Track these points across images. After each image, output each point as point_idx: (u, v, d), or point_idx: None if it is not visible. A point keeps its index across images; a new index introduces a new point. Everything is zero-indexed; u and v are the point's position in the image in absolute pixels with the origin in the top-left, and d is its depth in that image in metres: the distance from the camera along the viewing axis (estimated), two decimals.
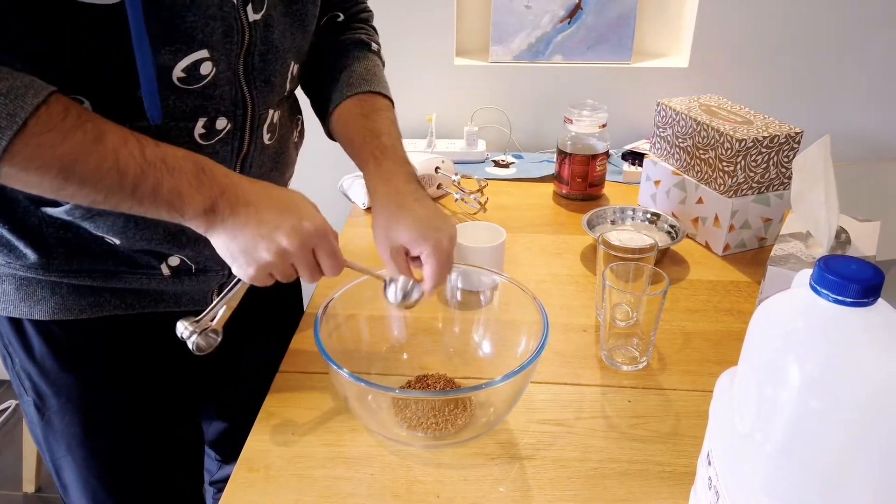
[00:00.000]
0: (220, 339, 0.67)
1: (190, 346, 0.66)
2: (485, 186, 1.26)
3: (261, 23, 0.68)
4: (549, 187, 1.33)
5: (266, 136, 0.76)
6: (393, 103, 0.86)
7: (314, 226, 0.64)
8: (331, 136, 0.86)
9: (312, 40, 0.81)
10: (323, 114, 0.86)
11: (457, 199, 1.25)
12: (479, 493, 0.66)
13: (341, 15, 0.88)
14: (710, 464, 0.52)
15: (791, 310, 0.44)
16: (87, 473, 0.81)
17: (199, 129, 0.67)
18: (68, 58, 0.58)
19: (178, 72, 0.63)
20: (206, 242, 0.70)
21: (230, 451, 0.71)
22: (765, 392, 0.44)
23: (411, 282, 0.74)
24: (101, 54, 0.59)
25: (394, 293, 0.75)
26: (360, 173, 1.25)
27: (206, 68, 0.64)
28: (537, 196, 1.31)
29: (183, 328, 0.66)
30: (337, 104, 0.83)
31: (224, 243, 0.63)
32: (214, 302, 0.68)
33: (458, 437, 0.71)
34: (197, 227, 0.63)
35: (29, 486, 1.73)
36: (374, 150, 0.79)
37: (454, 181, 1.25)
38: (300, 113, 0.89)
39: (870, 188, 1.51)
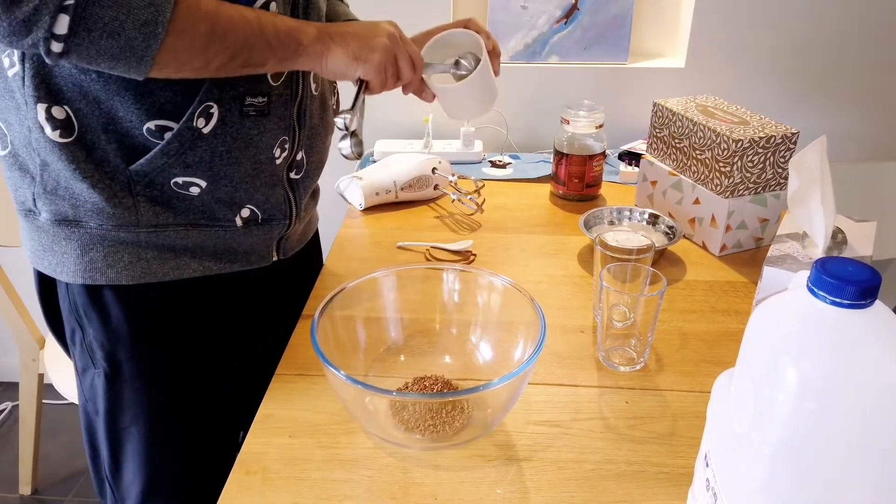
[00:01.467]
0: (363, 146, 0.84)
1: (346, 150, 0.83)
2: (481, 187, 1.26)
3: None
4: (546, 188, 1.33)
5: (313, 86, 0.86)
6: None
7: (395, 26, 0.82)
8: None
9: None
10: None
11: (454, 200, 1.25)
12: (476, 496, 0.66)
13: None
14: (707, 465, 0.52)
15: (788, 312, 0.44)
16: (150, 444, 0.85)
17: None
18: None
19: (258, 6, 0.73)
20: (274, 190, 0.84)
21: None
22: (762, 394, 0.44)
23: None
24: None
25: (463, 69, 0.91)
26: (357, 174, 1.26)
27: (274, 8, 0.75)
28: (534, 196, 1.31)
29: (342, 122, 0.82)
30: None
31: (343, 52, 0.77)
32: (352, 113, 0.83)
33: (456, 439, 0.71)
34: (314, 52, 0.75)
35: (25, 489, 1.73)
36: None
37: (451, 182, 1.25)
38: (336, 85, 0.98)
39: (866, 188, 1.52)
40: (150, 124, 0.72)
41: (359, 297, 0.80)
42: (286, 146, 0.82)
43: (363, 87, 0.82)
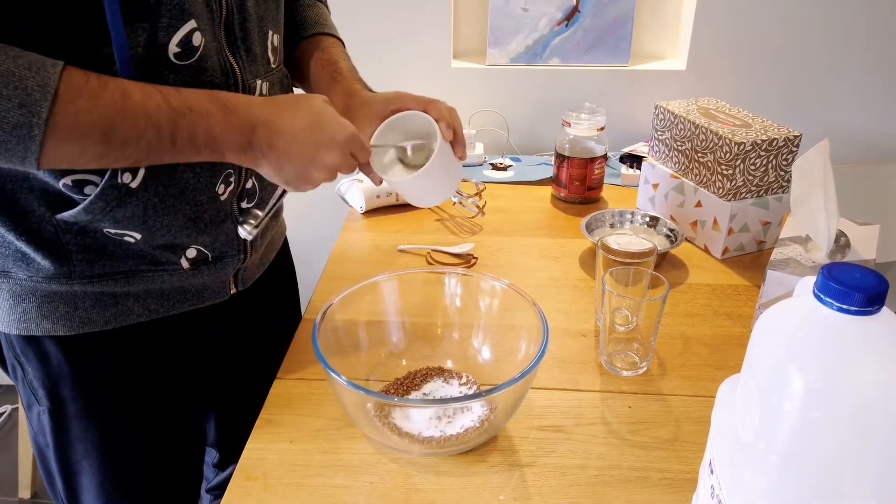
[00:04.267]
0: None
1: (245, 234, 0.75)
2: (483, 190, 1.25)
3: None
4: (547, 190, 1.33)
5: None
6: (343, 43, 0.93)
7: (345, 136, 0.69)
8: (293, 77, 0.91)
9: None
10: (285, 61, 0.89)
11: (455, 203, 1.24)
12: (479, 502, 0.65)
13: None
14: (712, 472, 0.52)
15: (794, 318, 0.44)
16: (104, 478, 0.81)
17: None
18: (47, 42, 0.58)
19: (173, 47, 0.64)
20: (222, 227, 0.76)
21: (232, 450, 0.72)
22: (768, 401, 0.44)
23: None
24: (76, 34, 0.59)
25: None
26: (357, 177, 1.26)
27: (197, 39, 0.66)
28: (535, 199, 1.31)
29: (246, 233, 0.75)
30: (293, 48, 0.89)
31: (274, 174, 0.68)
32: (265, 212, 0.76)
33: (458, 445, 0.71)
34: (240, 163, 0.67)
35: (25, 492, 1.73)
36: (334, 73, 0.86)
37: None
38: (291, 90, 0.90)
39: (869, 191, 1.51)
40: (66, 180, 0.65)
41: (360, 301, 0.79)
42: (231, 179, 0.74)
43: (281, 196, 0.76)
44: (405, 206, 1.25)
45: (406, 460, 0.70)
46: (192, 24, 0.64)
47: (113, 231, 0.69)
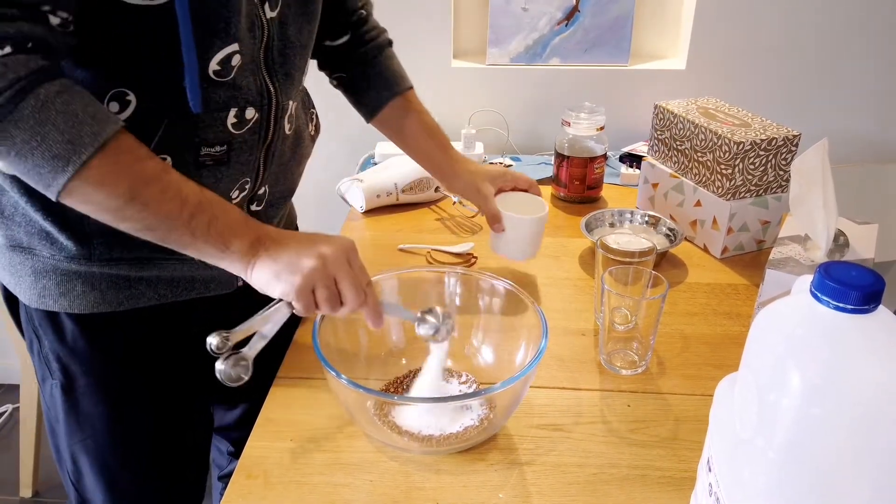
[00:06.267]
0: (249, 375, 0.66)
1: (218, 374, 0.65)
2: None
3: (276, 20, 0.74)
4: (547, 190, 1.33)
5: (287, 127, 0.80)
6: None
7: (344, 243, 0.70)
8: (370, 120, 1.00)
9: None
10: (369, 108, 0.98)
11: (455, 202, 1.25)
12: (478, 500, 0.66)
13: (361, 13, 0.97)
14: (710, 470, 0.52)
15: (791, 316, 0.44)
16: (107, 455, 0.83)
17: (231, 118, 0.72)
18: (116, 53, 0.63)
19: (213, 65, 0.68)
20: None
21: (245, 435, 0.74)
22: (766, 399, 0.44)
23: (442, 317, 0.75)
24: (148, 50, 0.64)
25: (425, 329, 0.75)
26: (358, 177, 1.26)
27: (236, 60, 0.70)
28: None
29: (216, 342, 0.65)
30: (386, 101, 0.97)
31: (267, 266, 0.67)
32: (251, 322, 0.67)
33: (458, 443, 0.71)
34: (240, 258, 0.66)
35: (26, 491, 1.73)
36: (443, 144, 0.99)
37: None
38: (313, 107, 0.94)
39: (868, 190, 1.51)
40: None
41: None
42: (247, 186, 0.78)
43: (280, 306, 0.69)
44: (405, 206, 1.26)
45: (406, 458, 0.70)
46: (234, 46, 0.68)
47: None
